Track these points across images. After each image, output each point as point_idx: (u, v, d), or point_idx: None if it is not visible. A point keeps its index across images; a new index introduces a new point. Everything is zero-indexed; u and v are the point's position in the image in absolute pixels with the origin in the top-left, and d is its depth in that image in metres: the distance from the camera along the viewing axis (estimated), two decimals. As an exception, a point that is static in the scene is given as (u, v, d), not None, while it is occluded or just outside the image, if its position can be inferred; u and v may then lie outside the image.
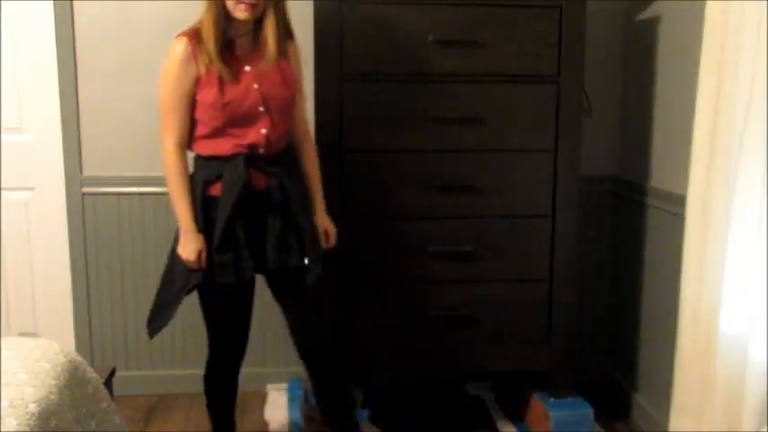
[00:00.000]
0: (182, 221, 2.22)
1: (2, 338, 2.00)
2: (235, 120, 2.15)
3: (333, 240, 2.42)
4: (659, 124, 2.84)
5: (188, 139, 2.21)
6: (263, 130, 2.18)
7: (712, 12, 2.12)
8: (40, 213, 3.13)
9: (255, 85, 2.17)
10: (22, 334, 3.11)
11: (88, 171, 3.08)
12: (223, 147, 2.18)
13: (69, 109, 3.02)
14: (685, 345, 2.29)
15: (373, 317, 2.69)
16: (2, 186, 3.09)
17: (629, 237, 3.11)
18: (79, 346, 3.13)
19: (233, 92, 2.14)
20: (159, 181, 3.08)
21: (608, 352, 3.32)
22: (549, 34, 2.61)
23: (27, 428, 1.58)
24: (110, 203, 3.10)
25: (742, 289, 2.07)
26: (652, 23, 2.88)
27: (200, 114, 2.17)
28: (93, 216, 3.10)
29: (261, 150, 2.19)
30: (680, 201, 2.49)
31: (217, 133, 2.18)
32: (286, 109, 2.24)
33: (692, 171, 2.25)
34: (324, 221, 2.40)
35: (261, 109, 2.17)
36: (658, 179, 2.84)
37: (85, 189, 3.08)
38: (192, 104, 2.17)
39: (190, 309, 3.21)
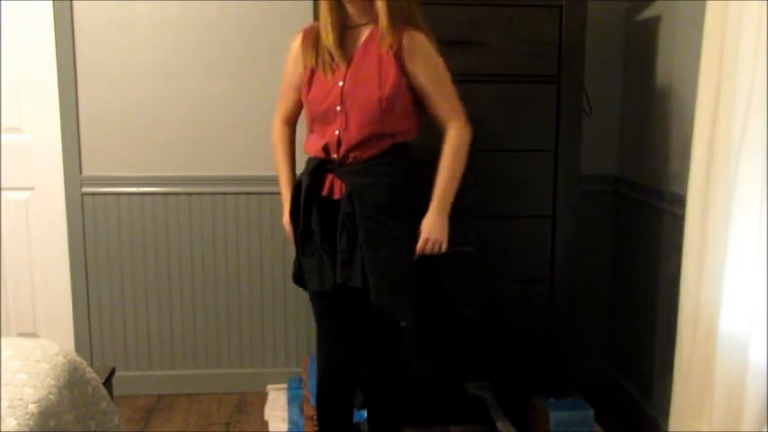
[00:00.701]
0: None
1: (2, 338, 2.00)
2: (316, 118, 2.13)
3: (428, 245, 2.11)
4: (659, 124, 2.84)
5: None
6: (336, 132, 2.09)
7: (712, 12, 2.12)
8: (40, 213, 3.13)
9: (341, 83, 2.07)
10: (21, 334, 3.11)
11: (88, 171, 3.08)
12: (313, 146, 2.16)
13: (69, 109, 3.02)
14: (685, 345, 2.29)
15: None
16: (2, 186, 3.09)
17: (629, 237, 3.11)
18: (79, 346, 3.13)
19: (317, 89, 2.10)
20: (159, 181, 3.10)
21: (608, 352, 3.32)
22: (549, 34, 2.61)
23: (27, 429, 1.58)
24: (109, 203, 3.09)
25: (742, 289, 2.07)
26: (652, 23, 2.88)
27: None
28: (93, 216, 3.10)
29: (333, 154, 2.09)
30: (680, 201, 2.49)
31: (311, 131, 2.18)
32: (371, 110, 2.05)
33: (692, 171, 2.24)
34: (425, 225, 2.11)
35: (337, 108, 2.07)
36: (658, 179, 2.83)
37: (85, 189, 3.08)
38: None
39: (190, 309, 3.22)
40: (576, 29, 2.61)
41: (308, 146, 2.19)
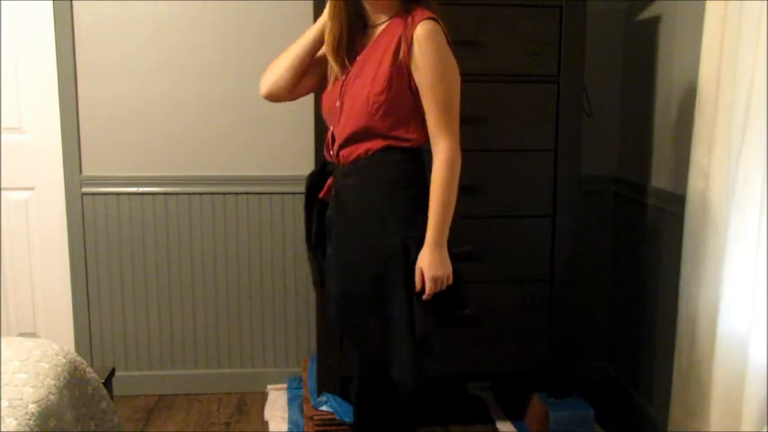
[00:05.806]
0: None
1: (2, 338, 2.00)
2: (325, 117, 2.06)
3: (428, 289, 1.87)
4: (659, 124, 2.84)
5: None
6: (332, 129, 2.01)
7: (712, 12, 2.12)
8: (40, 213, 3.13)
9: (343, 77, 1.97)
10: (21, 334, 3.11)
11: (88, 171, 3.07)
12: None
13: (69, 109, 3.02)
14: (685, 345, 2.29)
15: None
16: (2, 186, 3.09)
17: (629, 237, 3.11)
18: (78, 347, 3.13)
19: (330, 87, 2.02)
20: (159, 181, 3.10)
21: (608, 352, 3.32)
22: (549, 34, 2.61)
23: (27, 428, 1.58)
24: (109, 203, 3.09)
25: (742, 289, 2.07)
26: (652, 23, 2.88)
27: None
28: (93, 216, 3.10)
29: (330, 152, 2.02)
30: (680, 201, 2.49)
31: None
32: (359, 105, 1.90)
33: (691, 171, 2.25)
34: (425, 263, 1.87)
35: (337, 104, 1.97)
36: (658, 179, 2.84)
37: (85, 189, 3.07)
38: None
39: (190, 309, 3.22)
40: (576, 29, 2.62)
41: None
